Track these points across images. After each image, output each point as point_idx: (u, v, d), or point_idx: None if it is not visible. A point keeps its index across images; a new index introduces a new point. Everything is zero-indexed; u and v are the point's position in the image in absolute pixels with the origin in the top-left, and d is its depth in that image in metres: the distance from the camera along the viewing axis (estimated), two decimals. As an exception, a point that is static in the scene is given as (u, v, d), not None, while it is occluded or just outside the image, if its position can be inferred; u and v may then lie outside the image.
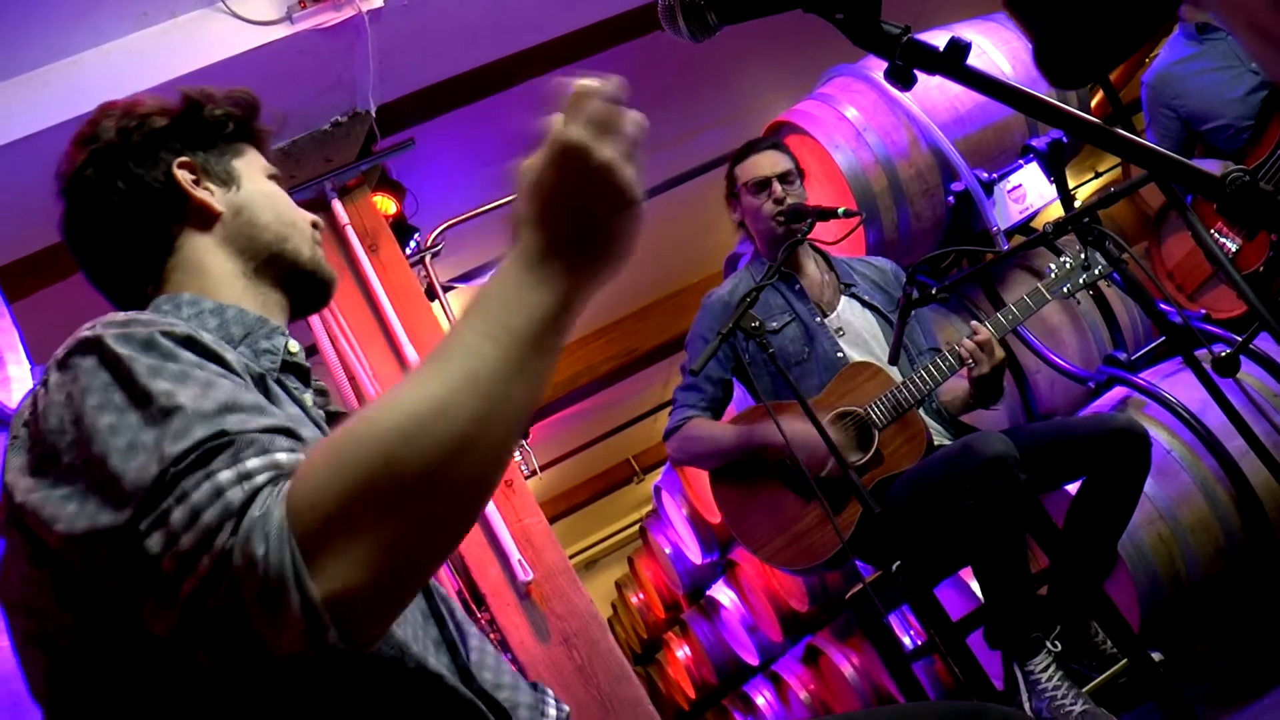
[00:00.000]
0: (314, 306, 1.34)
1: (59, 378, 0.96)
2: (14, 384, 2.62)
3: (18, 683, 2.05)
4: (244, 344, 1.17)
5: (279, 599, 0.80)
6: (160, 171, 1.25)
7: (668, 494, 6.29)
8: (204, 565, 0.82)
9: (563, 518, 10.20)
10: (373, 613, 0.84)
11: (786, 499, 2.91)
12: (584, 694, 3.10)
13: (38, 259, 3.58)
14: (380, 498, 0.82)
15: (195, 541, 0.83)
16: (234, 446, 0.87)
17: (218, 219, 1.26)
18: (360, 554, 0.81)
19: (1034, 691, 2.49)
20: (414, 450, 0.83)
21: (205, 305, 1.19)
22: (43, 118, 3.14)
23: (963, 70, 0.85)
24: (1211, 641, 3.64)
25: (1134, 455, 2.62)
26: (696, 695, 8.22)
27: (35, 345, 2.78)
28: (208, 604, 0.82)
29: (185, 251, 1.24)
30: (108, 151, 1.24)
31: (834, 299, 3.11)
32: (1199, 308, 4.38)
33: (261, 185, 1.31)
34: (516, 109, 4.36)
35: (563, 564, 3.28)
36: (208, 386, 0.92)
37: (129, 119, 1.26)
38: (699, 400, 3.04)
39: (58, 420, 0.93)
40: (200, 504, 0.84)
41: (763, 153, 3.16)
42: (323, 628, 0.80)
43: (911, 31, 0.88)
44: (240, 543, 0.81)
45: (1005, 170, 3.84)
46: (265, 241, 1.27)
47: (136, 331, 0.96)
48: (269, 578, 0.80)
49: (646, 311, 7.14)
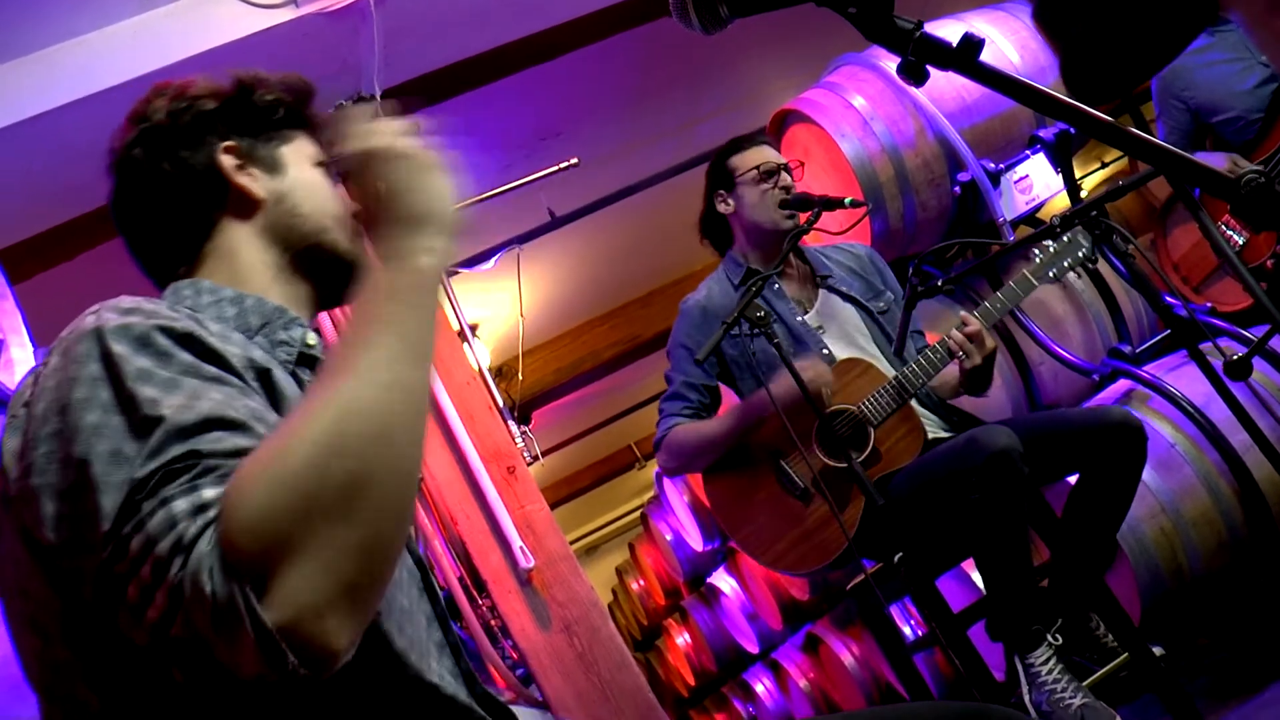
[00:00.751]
0: (348, 299, 1.33)
1: (56, 362, 0.96)
2: (17, 366, 2.61)
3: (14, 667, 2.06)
4: (261, 334, 1.16)
5: (233, 629, 0.80)
6: (204, 155, 1.24)
7: (669, 481, 6.29)
8: (159, 597, 0.83)
9: (564, 503, 10.21)
10: (332, 630, 0.83)
11: (785, 502, 2.88)
12: (584, 682, 3.10)
13: (41, 241, 3.58)
14: (317, 510, 0.82)
15: (150, 573, 0.83)
16: (195, 471, 0.86)
17: (259, 206, 1.25)
18: (310, 572, 0.81)
19: (1034, 684, 2.49)
20: (341, 455, 0.84)
21: (225, 294, 1.18)
22: (47, 99, 3.13)
23: (976, 67, 0.84)
24: (1212, 635, 3.64)
25: (1130, 448, 2.61)
26: (696, 682, 8.23)
27: (38, 328, 2.77)
28: (170, 632, 0.83)
29: (222, 237, 1.24)
30: (156, 132, 1.24)
31: (812, 294, 3.07)
32: (1204, 300, 4.37)
33: (306, 174, 1.30)
34: (521, 94, 4.35)
35: (564, 551, 3.28)
36: (194, 397, 0.91)
37: (180, 100, 1.25)
38: (684, 408, 3.00)
39: (44, 407, 0.94)
40: (155, 534, 0.84)
41: (761, 146, 3.14)
42: (280, 654, 0.80)
43: (923, 25, 0.87)
44: (189, 576, 0.81)
45: (1012, 161, 3.82)
46: (304, 231, 1.27)
47: (135, 325, 0.96)
48: (219, 610, 0.80)
49: (650, 298, 7.14)
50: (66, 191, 3.34)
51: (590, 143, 4.96)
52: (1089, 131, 0.87)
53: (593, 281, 6.62)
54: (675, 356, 3.07)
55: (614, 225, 5.70)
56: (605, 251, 6.24)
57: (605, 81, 4.78)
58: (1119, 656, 2.63)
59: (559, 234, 5.25)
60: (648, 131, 5.32)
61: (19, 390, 1.01)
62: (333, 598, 0.82)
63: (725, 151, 3.17)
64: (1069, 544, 2.68)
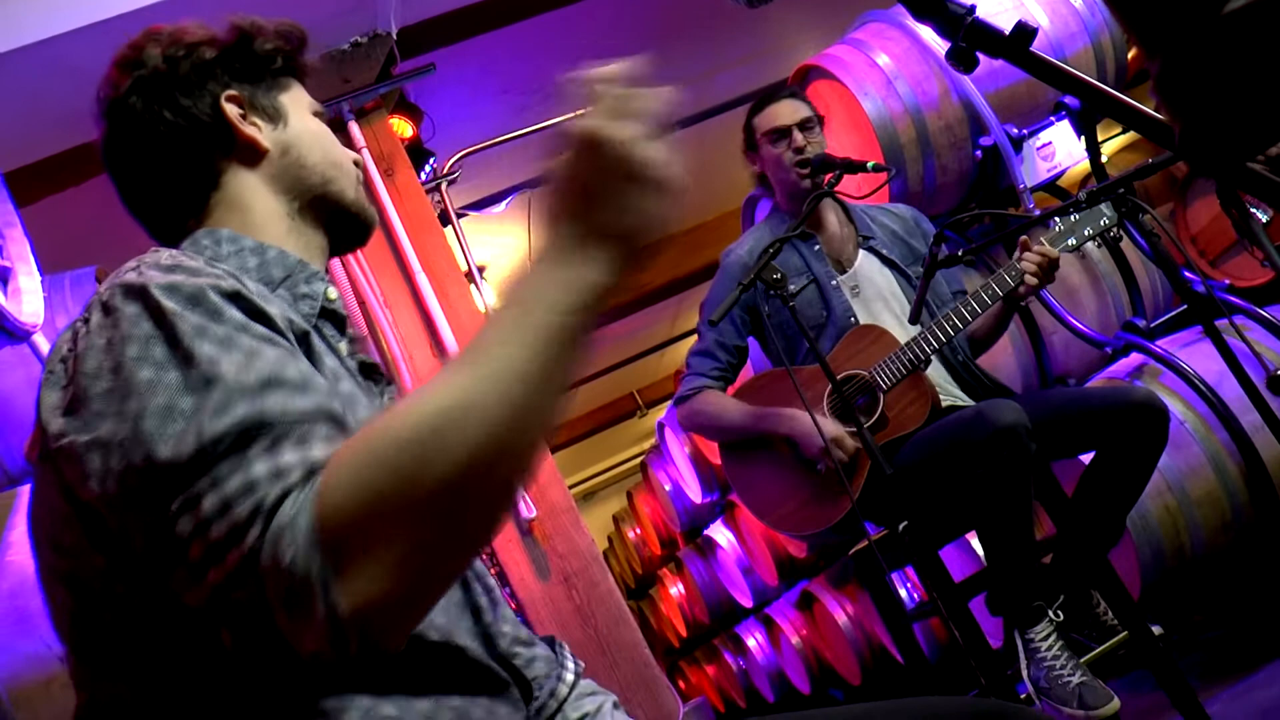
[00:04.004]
0: (352, 247, 1.31)
1: (100, 319, 0.94)
2: (25, 295, 2.59)
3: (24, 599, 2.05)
4: (283, 286, 1.14)
5: (304, 605, 0.79)
6: (207, 104, 1.21)
7: (671, 431, 6.29)
8: (232, 559, 0.82)
9: (564, 448, 10.23)
10: (398, 621, 0.83)
11: (793, 464, 2.88)
12: (581, 634, 3.11)
13: (48, 165, 3.54)
14: (410, 506, 0.80)
15: (224, 533, 0.82)
16: (272, 434, 0.85)
17: (264, 156, 1.23)
18: (388, 563, 0.80)
19: (1033, 659, 2.49)
20: (443, 456, 0.81)
21: (245, 243, 1.16)
22: (53, 24, 3.08)
23: (1029, 56, 0.80)
24: (1208, 613, 3.64)
25: (1152, 430, 2.58)
26: (688, 633, 8.30)
27: (43, 253, 2.75)
28: (233, 594, 0.82)
29: (230, 187, 1.21)
30: (154, 79, 1.20)
31: (853, 254, 3.04)
32: (1221, 274, 4.34)
33: (308, 123, 1.28)
34: (541, 37, 4.28)
35: (566, 502, 3.28)
36: (251, 355, 0.90)
37: (177, 47, 1.22)
38: (712, 369, 3.00)
39: (95, 365, 0.92)
40: (232, 495, 0.82)
41: (781, 101, 3.07)
42: (346, 638, 0.80)
43: (974, 9, 0.84)
44: (269, 543, 0.80)
45: (1036, 127, 3.76)
46: (311, 182, 1.24)
47: (183, 283, 0.94)
48: (295, 583, 0.79)
49: (659, 247, 7.08)
50: (74, 117, 3.28)
51: (607, 88, 4.89)
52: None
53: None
54: (707, 310, 3.08)
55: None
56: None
57: (625, 26, 4.70)
58: (1118, 634, 2.63)
59: (571, 179, 5.19)
60: (667, 78, 5.22)
61: (55, 345, 0.99)
62: (404, 593, 0.81)
63: (752, 110, 3.13)
64: (1078, 522, 2.67)
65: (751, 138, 3.10)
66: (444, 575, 0.86)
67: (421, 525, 0.81)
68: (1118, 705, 2.41)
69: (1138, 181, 2.56)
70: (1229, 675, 3.10)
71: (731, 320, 2.97)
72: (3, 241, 2.61)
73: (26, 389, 2.73)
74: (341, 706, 0.92)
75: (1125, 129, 7.37)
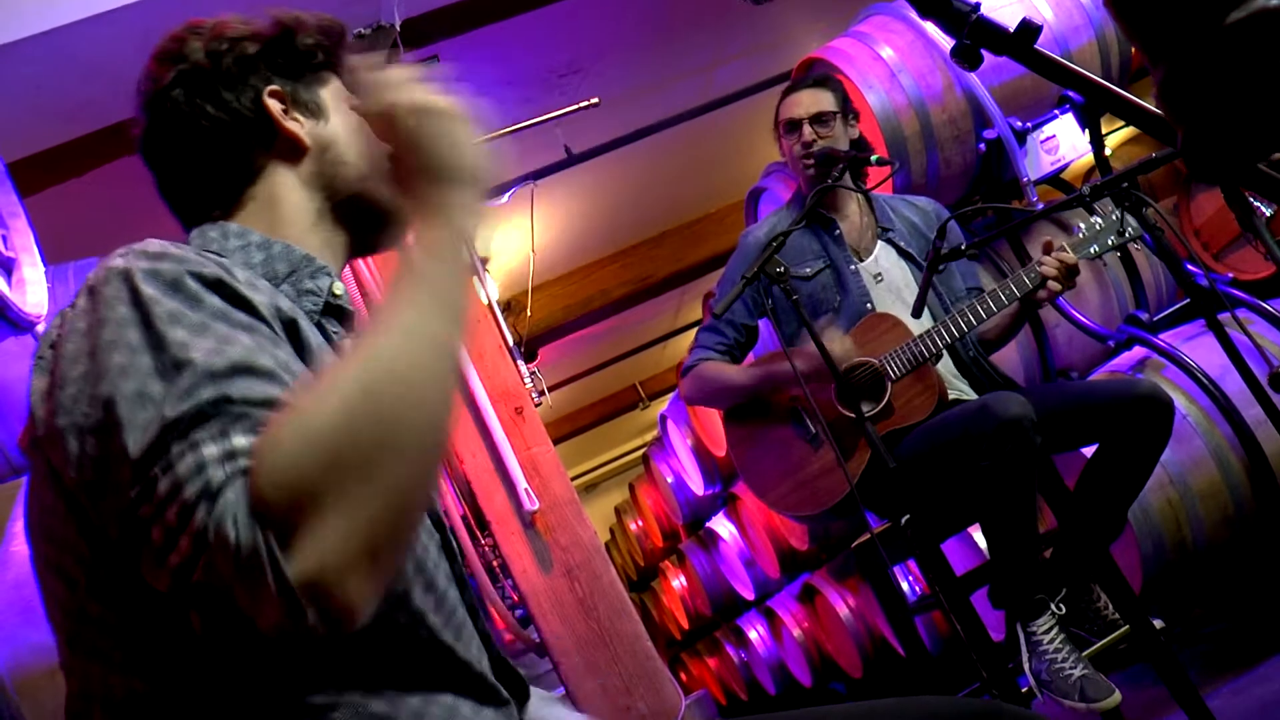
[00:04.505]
0: (381, 247, 1.31)
1: (85, 303, 0.95)
2: (29, 285, 2.59)
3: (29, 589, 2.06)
4: (287, 281, 1.14)
5: (255, 579, 0.80)
6: (249, 99, 1.21)
7: (673, 423, 6.29)
8: (184, 542, 0.83)
9: (566, 440, 10.24)
10: (351, 587, 0.83)
11: (796, 445, 2.89)
12: (583, 627, 3.11)
13: (50, 156, 3.55)
14: (345, 469, 0.83)
15: (175, 516, 0.83)
16: (227, 417, 0.86)
17: (305, 153, 1.23)
18: (334, 529, 0.81)
19: (1035, 653, 2.49)
20: (371, 416, 0.85)
21: (252, 238, 1.16)
22: (58, 14, 3.08)
23: (1032, 54, 0.80)
24: (1209, 607, 3.65)
25: (1156, 423, 2.58)
26: (689, 625, 8.31)
27: (47, 244, 2.75)
28: (193, 577, 0.83)
29: (266, 183, 1.21)
30: (196, 73, 1.20)
31: (871, 244, 3.04)
32: (1225, 268, 4.34)
33: (348, 119, 1.27)
34: (544, 29, 4.28)
35: (569, 495, 3.28)
36: (224, 342, 0.90)
37: (219, 41, 1.22)
38: (718, 343, 3.02)
39: (75, 348, 0.93)
40: (183, 477, 0.83)
41: (801, 91, 3.05)
42: (301, 608, 0.80)
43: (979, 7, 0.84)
44: (214, 523, 0.81)
45: (1040, 120, 3.75)
46: (349, 179, 1.24)
47: (165, 270, 0.94)
48: (241, 559, 0.80)
49: (662, 239, 7.09)
50: (76, 108, 3.31)
51: (611, 80, 4.89)
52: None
53: (606, 220, 6.58)
54: (721, 289, 3.10)
55: (630, 165, 5.65)
56: (620, 191, 6.19)
57: (630, 19, 4.70)
58: (1119, 628, 2.63)
59: (574, 171, 5.19)
60: (670, 71, 5.25)
61: (46, 331, 1.00)
62: (354, 556, 0.82)
63: (784, 93, 3.13)
64: (1080, 515, 2.67)
65: (775, 126, 3.12)
66: (391, 535, 0.87)
67: (358, 485, 0.83)
68: (1119, 698, 2.41)
69: (1141, 175, 2.55)
70: (1230, 669, 3.10)
71: (743, 300, 2.98)
72: (6, 232, 2.61)
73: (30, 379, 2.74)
74: (332, 702, 0.93)
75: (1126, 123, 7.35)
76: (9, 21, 3.04)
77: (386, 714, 0.94)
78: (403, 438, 0.86)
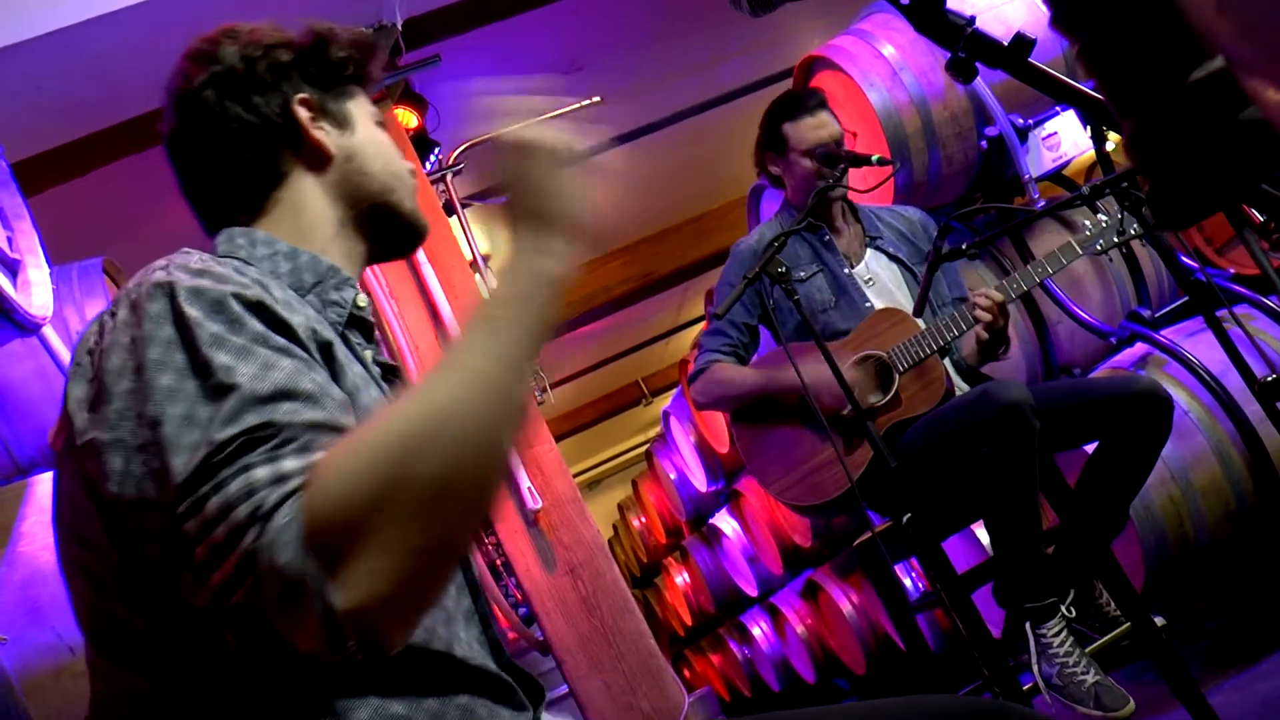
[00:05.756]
0: (400, 255, 1.34)
1: (126, 316, 0.96)
2: (34, 287, 2.60)
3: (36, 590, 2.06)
4: (313, 292, 1.16)
5: (300, 606, 0.82)
6: (279, 105, 1.22)
7: (676, 420, 6.30)
8: (230, 561, 0.84)
9: (569, 436, 10.25)
10: (394, 618, 0.86)
11: (802, 436, 2.91)
12: (586, 625, 3.12)
13: (53, 155, 3.55)
14: (397, 506, 0.84)
15: (224, 536, 0.84)
16: (276, 441, 0.87)
17: (330, 161, 1.24)
18: (378, 564, 0.83)
19: (1044, 655, 2.49)
20: (423, 459, 0.86)
21: (280, 247, 1.17)
22: (60, 16, 3.08)
23: (1027, 67, 0.81)
24: (1211, 603, 3.65)
25: (1156, 419, 2.58)
26: (693, 622, 8.32)
27: (49, 244, 2.76)
28: (233, 597, 0.85)
29: (291, 188, 1.22)
30: (229, 77, 1.21)
31: (860, 251, 3.06)
32: (1227, 263, 4.33)
33: (373, 132, 1.29)
34: (546, 28, 4.28)
35: (572, 493, 3.29)
36: (267, 367, 0.92)
37: (254, 47, 1.23)
38: (723, 344, 3.02)
39: (119, 362, 0.94)
40: (233, 499, 0.85)
41: (816, 114, 3.02)
42: (343, 637, 0.82)
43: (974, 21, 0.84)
44: (265, 546, 0.83)
45: (1041, 117, 3.75)
46: (372, 190, 1.25)
47: (209, 290, 0.96)
48: (289, 584, 0.82)
49: (664, 235, 7.09)
50: (79, 108, 3.31)
51: (612, 78, 4.89)
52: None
53: (607, 217, 6.57)
54: (721, 295, 3.09)
55: (632, 162, 5.64)
56: (621, 187, 6.18)
57: (631, 17, 4.70)
58: (1121, 625, 2.63)
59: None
60: (671, 68, 5.25)
61: (83, 337, 1.01)
62: (398, 591, 0.84)
63: (780, 112, 3.07)
64: (1081, 512, 2.67)
65: (781, 144, 3.06)
66: (435, 571, 0.89)
67: (408, 523, 0.84)
68: (1134, 707, 2.41)
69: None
70: (1233, 665, 3.11)
71: (742, 302, 2.99)
72: (12, 234, 2.62)
73: (35, 380, 2.75)
74: (351, 706, 0.94)
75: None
76: (13, 22, 3.05)
77: (406, 716, 0.96)
78: (453, 485, 0.87)
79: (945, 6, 0.85)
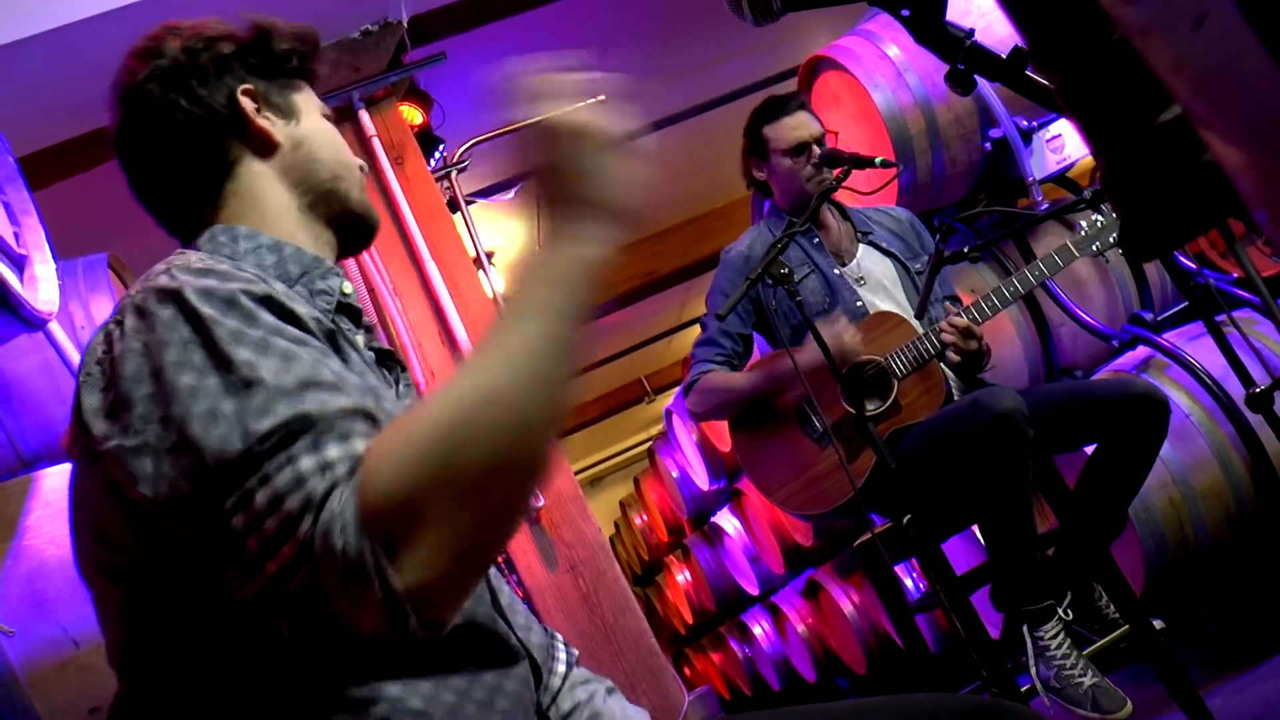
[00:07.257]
0: (355, 250, 1.34)
1: (135, 323, 0.97)
2: (40, 283, 2.60)
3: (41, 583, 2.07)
4: (300, 283, 1.16)
5: (361, 588, 0.85)
6: (223, 95, 1.23)
7: (679, 418, 6.30)
8: (287, 551, 0.86)
9: (571, 434, 10.24)
10: (452, 596, 0.89)
11: (802, 444, 2.90)
12: (587, 623, 3.13)
13: (57, 151, 3.56)
14: (450, 488, 0.87)
15: (278, 526, 0.87)
16: (315, 431, 0.90)
17: (277, 149, 1.25)
18: (437, 543, 0.86)
19: (1042, 658, 2.49)
20: (475, 439, 0.88)
21: (263, 240, 1.18)
22: (67, 11, 3.09)
23: (1025, 80, 0.82)
24: (1211, 606, 3.65)
25: (1152, 421, 2.59)
26: (694, 620, 8.32)
27: (54, 239, 2.76)
28: (289, 584, 0.87)
29: (242, 178, 1.23)
30: (173, 70, 1.22)
31: (852, 247, 3.06)
32: (1230, 267, 4.32)
33: (321, 123, 1.30)
34: (551, 25, 4.28)
35: (574, 491, 3.29)
36: (288, 359, 0.94)
37: (196, 40, 1.24)
38: (716, 354, 3.01)
39: (135, 368, 0.95)
40: (283, 490, 0.87)
41: (797, 114, 3.05)
42: (405, 615, 0.85)
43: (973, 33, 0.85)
44: (321, 533, 0.85)
45: (1045, 119, 3.75)
46: (321, 178, 1.26)
47: (217, 288, 0.97)
48: (350, 569, 0.84)
49: (667, 234, 7.10)
50: (83, 104, 3.30)
51: (616, 76, 4.88)
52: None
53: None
54: (714, 302, 3.08)
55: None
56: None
57: (635, 15, 4.70)
58: (1119, 628, 2.64)
59: (579, 167, 5.19)
60: (673, 67, 5.25)
61: (89, 347, 1.02)
62: (453, 569, 0.87)
63: (760, 116, 3.09)
64: (1080, 514, 2.68)
65: (762, 147, 3.07)
66: (488, 549, 0.93)
67: (461, 504, 0.87)
68: (1131, 709, 2.42)
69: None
70: (1233, 668, 3.11)
71: (737, 312, 2.98)
72: (19, 229, 2.63)
73: (40, 374, 2.76)
74: (372, 696, 0.96)
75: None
76: (17, 20, 3.06)
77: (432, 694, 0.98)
78: (502, 468, 0.89)
79: (944, 18, 0.85)
